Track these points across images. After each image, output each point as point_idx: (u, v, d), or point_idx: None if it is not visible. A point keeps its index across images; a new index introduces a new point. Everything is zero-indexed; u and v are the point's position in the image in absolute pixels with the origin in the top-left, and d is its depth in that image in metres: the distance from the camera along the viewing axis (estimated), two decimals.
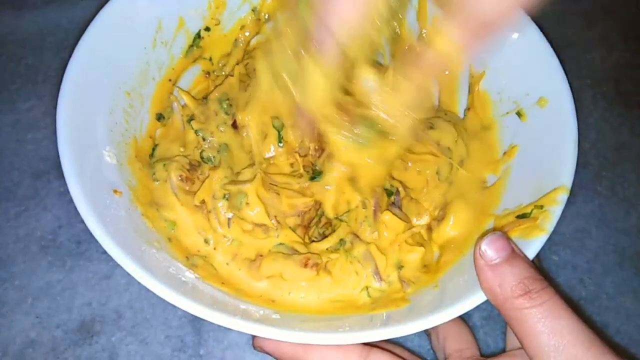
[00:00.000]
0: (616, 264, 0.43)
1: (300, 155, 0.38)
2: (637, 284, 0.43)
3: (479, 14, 0.26)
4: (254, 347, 0.32)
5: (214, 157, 0.38)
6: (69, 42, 0.35)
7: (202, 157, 0.38)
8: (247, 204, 0.35)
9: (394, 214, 0.36)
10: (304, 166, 0.38)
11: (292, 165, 0.39)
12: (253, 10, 0.43)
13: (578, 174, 0.33)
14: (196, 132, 0.39)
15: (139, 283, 0.28)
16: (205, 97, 0.40)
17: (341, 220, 0.38)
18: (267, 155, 0.38)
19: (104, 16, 0.36)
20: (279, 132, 0.38)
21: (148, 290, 0.28)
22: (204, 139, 0.39)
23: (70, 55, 0.35)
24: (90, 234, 0.30)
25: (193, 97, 0.41)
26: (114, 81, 0.37)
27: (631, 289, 0.42)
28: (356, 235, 0.36)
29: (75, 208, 0.30)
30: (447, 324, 0.30)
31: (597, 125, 0.48)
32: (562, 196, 0.32)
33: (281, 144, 0.38)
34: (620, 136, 0.48)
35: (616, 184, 0.46)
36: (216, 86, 0.40)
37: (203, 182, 0.37)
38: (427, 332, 0.38)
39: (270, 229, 0.36)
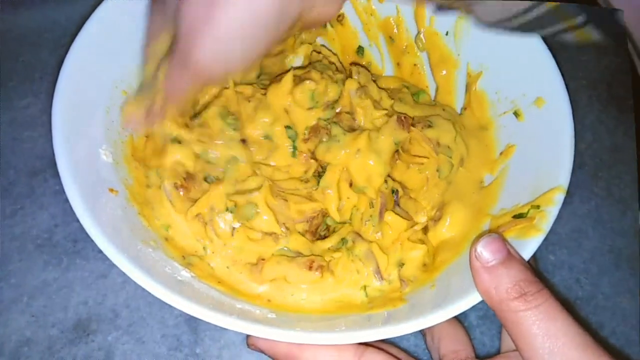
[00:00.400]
0: (612, 264, 0.43)
1: (316, 160, 0.38)
2: (633, 284, 0.43)
3: None
4: (248, 346, 0.32)
5: (215, 177, 0.36)
6: (66, 39, 0.35)
7: (205, 179, 0.36)
8: (257, 212, 0.34)
9: (396, 213, 0.36)
10: (315, 171, 0.38)
11: (305, 172, 0.38)
12: None
13: (574, 174, 0.33)
14: (200, 156, 0.36)
15: (135, 282, 0.28)
16: (195, 115, 0.37)
17: (344, 223, 0.38)
18: (272, 163, 0.37)
19: (101, 14, 0.36)
20: (293, 141, 0.37)
21: (144, 289, 0.28)
22: (207, 162, 0.36)
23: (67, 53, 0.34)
24: (87, 232, 0.29)
25: (176, 121, 0.37)
26: (111, 79, 0.37)
27: (627, 290, 0.42)
28: (358, 234, 0.36)
29: (72, 207, 0.30)
30: (443, 324, 0.30)
31: (593, 127, 0.48)
32: (559, 196, 0.32)
33: (295, 155, 0.38)
34: (615, 138, 0.48)
35: (612, 185, 0.46)
36: (208, 102, 0.38)
37: (203, 193, 0.35)
38: (422, 332, 0.38)
39: (279, 236, 0.35)
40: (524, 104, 0.37)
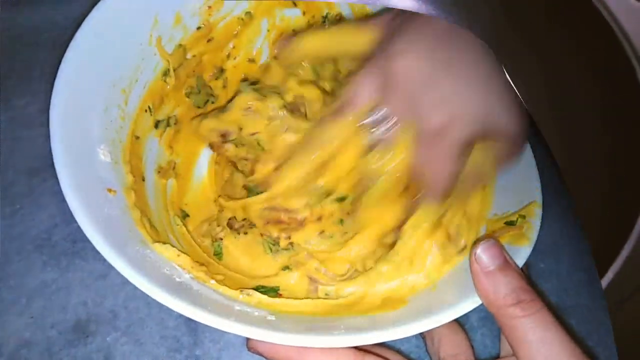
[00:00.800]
0: (587, 279, 0.44)
1: None
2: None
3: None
4: (248, 349, 0.32)
5: None
6: (65, 38, 0.35)
7: None
8: None
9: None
10: None
11: None
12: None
13: (545, 192, 0.35)
14: None
15: None
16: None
17: None
18: None
19: (99, 12, 0.36)
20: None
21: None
22: None
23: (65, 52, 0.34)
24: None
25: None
26: (109, 78, 0.36)
27: (603, 304, 0.43)
28: None
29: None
30: (442, 328, 0.30)
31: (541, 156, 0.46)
32: (537, 210, 0.34)
33: None
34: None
35: (569, 210, 0.46)
36: None
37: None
38: (422, 335, 0.38)
39: None
40: None
